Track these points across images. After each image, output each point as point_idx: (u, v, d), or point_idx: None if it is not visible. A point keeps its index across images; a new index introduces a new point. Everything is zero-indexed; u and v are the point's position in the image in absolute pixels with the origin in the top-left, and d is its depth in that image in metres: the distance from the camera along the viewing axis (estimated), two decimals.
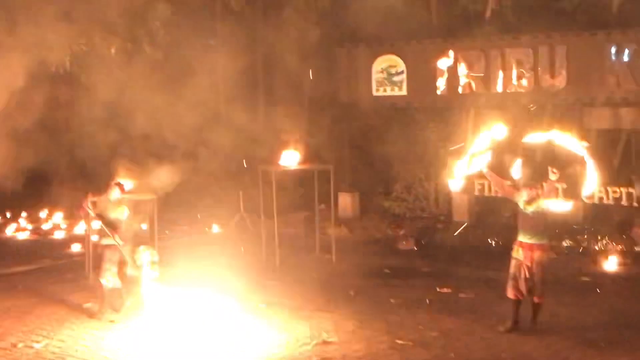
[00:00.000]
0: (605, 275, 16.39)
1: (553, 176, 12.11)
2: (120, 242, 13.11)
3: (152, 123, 18.94)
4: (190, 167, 20.22)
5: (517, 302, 12.24)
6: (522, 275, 12.09)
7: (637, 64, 19.01)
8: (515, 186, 12.49)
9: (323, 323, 12.78)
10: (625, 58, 19.13)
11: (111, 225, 13.19)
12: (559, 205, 12.52)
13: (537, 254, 12.05)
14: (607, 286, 15.36)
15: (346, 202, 22.71)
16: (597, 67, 19.37)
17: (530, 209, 12.07)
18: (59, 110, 21.26)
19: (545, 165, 12.50)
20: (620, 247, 18.20)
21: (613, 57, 19.22)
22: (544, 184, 12.31)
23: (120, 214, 13.32)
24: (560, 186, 16.87)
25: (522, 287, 12.10)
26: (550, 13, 20.60)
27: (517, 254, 12.18)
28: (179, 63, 21.71)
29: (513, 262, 12.23)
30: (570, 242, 18.68)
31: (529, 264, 12.04)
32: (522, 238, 12.16)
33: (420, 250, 19.24)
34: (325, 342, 11.83)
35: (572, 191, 12.54)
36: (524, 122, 18.08)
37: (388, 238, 20.49)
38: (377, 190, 23.10)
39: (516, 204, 12.29)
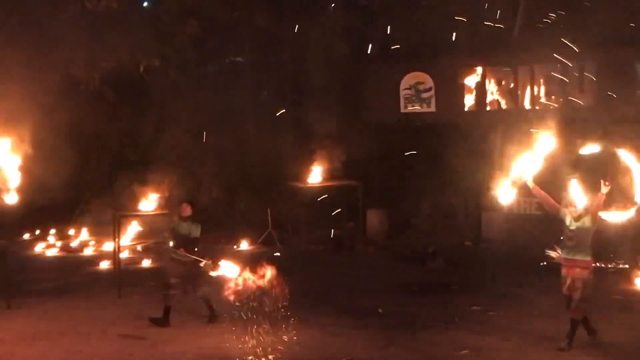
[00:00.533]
0: (638, 294, 16.18)
1: (604, 189, 11.70)
2: (186, 257, 13.46)
3: (180, 139, 19.00)
4: (217, 182, 20.25)
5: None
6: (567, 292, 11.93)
7: None
8: (564, 202, 12.17)
9: (352, 340, 12.70)
10: None
11: (183, 242, 13.57)
12: (616, 216, 12.10)
13: (578, 271, 11.83)
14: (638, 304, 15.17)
15: (374, 218, 22.61)
16: (627, 83, 19.23)
17: (576, 225, 11.87)
18: (88, 126, 21.40)
19: (597, 177, 12.09)
20: None
21: None
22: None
23: (194, 231, 13.78)
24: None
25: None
26: (579, 29, 20.48)
27: (562, 271, 12.02)
28: (206, 80, 21.81)
29: (562, 281, 12.07)
30: (603, 260, 18.42)
31: (570, 281, 11.87)
32: (566, 254, 12.00)
33: (449, 268, 19.10)
34: None
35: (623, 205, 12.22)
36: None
37: (416, 255, 20.35)
38: (405, 207, 23.01)
39: (561, 221, 12.10)
